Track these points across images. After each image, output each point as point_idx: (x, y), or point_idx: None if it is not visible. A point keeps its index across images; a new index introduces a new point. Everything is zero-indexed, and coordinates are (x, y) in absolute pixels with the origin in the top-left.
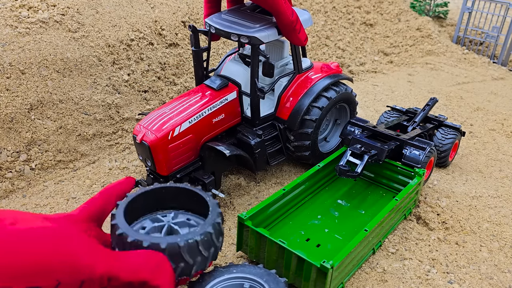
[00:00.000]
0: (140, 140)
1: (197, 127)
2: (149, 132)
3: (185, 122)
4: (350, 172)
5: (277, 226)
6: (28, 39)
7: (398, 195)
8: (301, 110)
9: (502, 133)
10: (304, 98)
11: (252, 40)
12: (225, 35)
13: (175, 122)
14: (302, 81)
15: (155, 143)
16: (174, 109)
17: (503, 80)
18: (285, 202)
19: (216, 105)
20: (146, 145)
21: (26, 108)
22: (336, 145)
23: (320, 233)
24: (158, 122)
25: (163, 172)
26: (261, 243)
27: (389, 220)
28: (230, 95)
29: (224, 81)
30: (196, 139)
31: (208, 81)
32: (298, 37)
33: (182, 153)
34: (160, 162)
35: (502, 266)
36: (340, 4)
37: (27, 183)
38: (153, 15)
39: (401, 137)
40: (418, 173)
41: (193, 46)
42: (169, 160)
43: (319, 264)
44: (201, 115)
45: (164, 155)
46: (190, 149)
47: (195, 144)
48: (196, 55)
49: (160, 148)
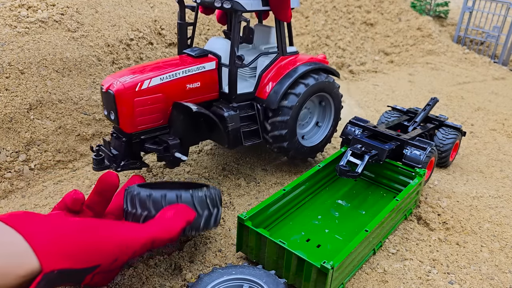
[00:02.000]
0: (106, 89)
1: (168, 87)
2: (116, 81)
3: (156, 78)
4: (350, 172)
5: (277, 227)
6: (27, 38)
7: (399, 195)
8: (278, 92)
9: (503, 133)
10: (282, 81)
11: (234, 5)
12: (209, 3)
13: (145, 76)
14: (284, 64)
15: (120, 92)
16: (148, 67)
17: (504, 80)
18: (285, 203)
19: (192, 70)
20: (111, 94)
21: (25, 108)
22: (321, 140)
23: (321, 233)
24: (128, 75)
25: (126, 129)
26: (261, 243)
27: (390, 221)
28: (208, 64)
29: (204, 51)
30: (166, 100)
31: (188, 50)
32: (287, 12)
33: (149, 112)
34: (124, 115)
35: (503, 267)
36: (340, 4)
37: (26, 183)
38: (153, 15)
39: (402, 137)
40: (418, 173)
41: (179, 19)
42: (134, 115)
43: (320, 264)
44: (173, 76)
45: (129, 108)
46: (159, 110)
47: (164, 106)
48: (180, 28)
49: (125, 99)
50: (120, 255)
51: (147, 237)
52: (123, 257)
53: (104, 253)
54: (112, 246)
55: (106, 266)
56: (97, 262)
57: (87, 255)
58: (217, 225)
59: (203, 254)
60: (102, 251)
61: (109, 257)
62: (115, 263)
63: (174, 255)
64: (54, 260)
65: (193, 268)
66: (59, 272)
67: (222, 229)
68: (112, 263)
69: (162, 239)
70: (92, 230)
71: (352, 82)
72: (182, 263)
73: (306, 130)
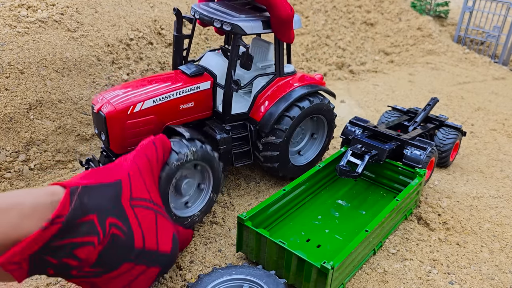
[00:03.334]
0: (97, 111)
1: (161, 109)
2: (108, 103)
3: (149, 100)
4: (350, 172)
5: (277, 227)
6: (27, 38)
7: (399, 195)
8: (273, 115)
9: (503, 133)
10: (278, 103)
11: (234, 28)
12: (208, 21)
13: (137, 98)
14: (281, 86)
15: (112, 115)
16: (140, 86)
17: (504, 80)
18: (285, 203)
19: (186, 91)
20: (102, 116)
21: (25, 108)
22: (311, 159)
23: (321, 233)
24: (119, 95)
25: (116, 149)
26: (261, 243)
27: (390, 221)
28: (203, 84)
29: (200, 69)
30: (158, 121)
31: (183, 67)
32: (290, 33)
33: (140, 134)
34: (115, 138)
35: (503, 267)
36: (340, 4)
37: (26, 183)
38: (153, 15)
39: (402, 137)
40: (419, 173)
41: (175, 31)
42: (125, 137)
43: (320, 265)
44: (167, 97)
45: (120, 131)
46: (150, 131)
47: (156, 127)
48: (177, 41)
49: (117, 122)
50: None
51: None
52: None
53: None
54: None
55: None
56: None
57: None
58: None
59: (203, 254)
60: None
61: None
62: None
63: None
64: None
65: (193, 268)
66: (83, 188)
67: (222, 229)
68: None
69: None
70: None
71: (352, 82)
72: (182, 263)
73: (301, 145)
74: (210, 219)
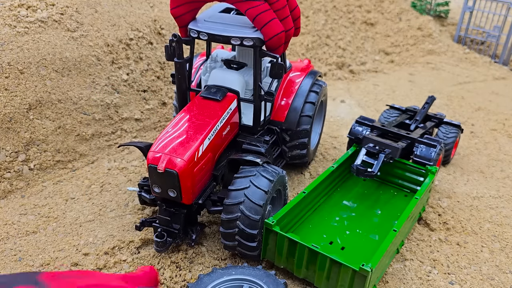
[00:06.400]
0: (164, 169)
1: (214, 143)
2: (173, 157)
3: (206, 139)
4: (368, 172)
5: (298, 230)
6: (26, 38)
7: (417, 192)
8: (298, 108)
9: (503, 133)
10: (297, 97)
11: (256, 41)
12: (223, 40)
13: (197, 142)
14: (289, 82)
15: (183, 169)
16: (184, 128)
17: (505, 80)
18: (304, 205)
19: (225, 117)
20: (174, 173)
21: (25, 108)
22: (316, 142)
23: (341, 235)
24: (177, 145)
25: (188, 201)
26: (290, 249)
27: (410, 219)
28: (232, 104)
29: (223, 90)
30: (213, 157)
31: (204, 93)
32: (280, 49)
33: (203, 176)
34: (188, 189)
35: (503, 267)
36: (340, 3)
37: (25, 183)
38: (153, 14)
39: (412, 135)
40: (431, 170)
41: (177, 58)
42: (194, 185)
43: (358, 267)
44: (215, 130)
45: (191, 182)
46: (209, 170)
47: (212, 164)
48: (180, 67)
49: (188, 174)
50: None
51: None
52: None
53: None
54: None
55: None
56: None
57: None
58: None
59: (203, 254)
60: None
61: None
62: None
63: (174, 255)
64: None
65: (193, 269)
66: None
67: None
68: None
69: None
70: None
71: (353, 82)
72: (182, 263)
73: None
74: (211, 219)
